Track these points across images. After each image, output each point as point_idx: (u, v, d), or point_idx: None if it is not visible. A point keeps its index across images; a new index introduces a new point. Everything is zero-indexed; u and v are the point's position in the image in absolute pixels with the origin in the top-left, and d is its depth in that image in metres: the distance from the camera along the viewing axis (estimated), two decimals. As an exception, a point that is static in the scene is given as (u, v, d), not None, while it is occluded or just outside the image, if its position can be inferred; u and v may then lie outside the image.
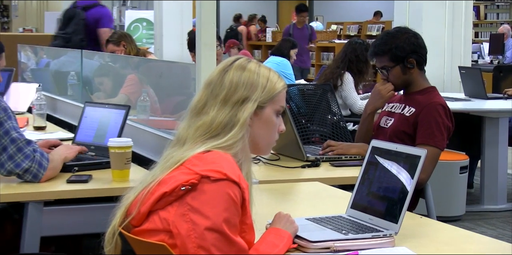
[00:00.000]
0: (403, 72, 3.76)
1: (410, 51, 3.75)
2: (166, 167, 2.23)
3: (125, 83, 5.24)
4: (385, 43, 3.78)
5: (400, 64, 3.75)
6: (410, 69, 3.77)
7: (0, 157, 3.15)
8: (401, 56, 3.74)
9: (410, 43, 3.76)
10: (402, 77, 3.79)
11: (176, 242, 2.13)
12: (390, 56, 3.75)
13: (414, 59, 3.76)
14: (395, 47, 3.74)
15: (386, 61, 3.77)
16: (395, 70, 3.77)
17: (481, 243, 2.48)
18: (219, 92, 2.29)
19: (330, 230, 2.41)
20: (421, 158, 2.41)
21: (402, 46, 3.74)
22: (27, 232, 3.10)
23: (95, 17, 7.51)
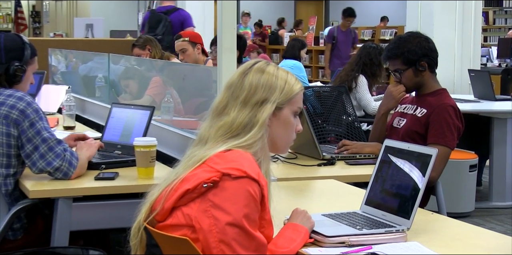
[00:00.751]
0: (415, 75, 3.76)
1: (422, 55, 3.75)
2: (189, 165, 2.24)
3: (150, 85, 5.25)
4: (398, 47, 3.78)
5: (412, 67, 3.75)
6: (422, 72, 3.76)
7: (32, 156, 3.17)
8: (413, 59, 3.73)
9: (421, 47, 3.75)
10: (414, 80, 3.78)
11: (198, 237, 2.13)
12: (403, 60, 3.75)
13: (425, 62, 3.75)
14: (408, 51, 3.74)
15: (399, 65, 3.77)
16: (407, 73, 3.77)
17: (490, 238, 2.47)
18: (239, 94, 2.29)
19: (345, 225, 2.40)
20: (432, 156, 2.41)
21: (414, 50, 3.74)
22: (57, 226, 3.12)
23: (179, 19, 8.17)
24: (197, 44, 5.98)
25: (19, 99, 3.20)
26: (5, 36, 3.36)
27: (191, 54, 5.97)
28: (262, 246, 2.15)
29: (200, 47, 6.01)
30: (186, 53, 6.01)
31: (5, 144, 3.17)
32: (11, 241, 3.23)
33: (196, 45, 5.97)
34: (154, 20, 8.20)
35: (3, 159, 3.19)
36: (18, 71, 3.29)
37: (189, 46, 5.98)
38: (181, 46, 6.06)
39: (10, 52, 3.29)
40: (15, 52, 3.31)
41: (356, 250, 2.20)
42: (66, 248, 3.02)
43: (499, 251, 2.32)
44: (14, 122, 3.16)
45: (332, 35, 12.01)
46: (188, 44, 5.98)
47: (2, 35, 3.36)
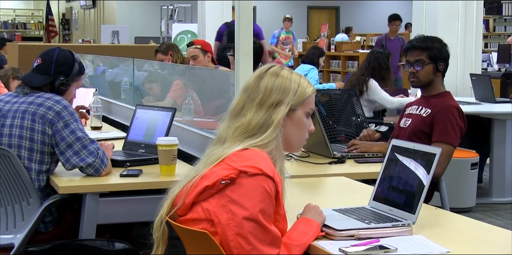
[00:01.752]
0: (433, 72, 3.77)
1: (444, 58, 3.79)
2: (208, 163, 2.24)
3: (171, 88, 5.26)
4: (430, 41, 3.80)
5: (433, 64, 3.76)
6: (438, 72, 3.79)
7: (66, 153, 3.19)
8: (438, 57, 3.76)
9: (445, 51, 3.81)
10: (430, 76, 3.79)
11: (217, 230, 2.13)
12: (429, 54, 3.76)
13: (443, 65, 3.78)
14: (436, 48, 3.77)
15: (424, 57, 3.77)
16: (428, 67, 3.77)
17: (490, 232, 2.45)
18: (256, 96, 2.29)
19: (354, 219, 2.40)
20: (436, 155, 2.40)
21: (441, 51, 3.78)
22: (85, 220, 3.13)
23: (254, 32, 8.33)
24: (208, 53, 5.98)
25: (57, 102, 3.23)
26: (59, 51, 3.41)
27: (201, 61, 5.96)
28: (276, 239, 2.15)
29: (210, 56, 6.00)
30: (197, 60, 6.00)
31: (40, 141, 3.20)
32: (43, 233, 3.25)
33: (206, 53, 5.96)
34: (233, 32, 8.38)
35: (37, 155, 3.20)
36: (62, 85, 3.33)
37: (200, 53, 5.97)
38: (193, 53, 6.05)
39: (60, 67, 3.33)
40: (64, 67, 3.35)
41: (365, 243, 2.19)
42: (93, 240, 3.03)
43: (499, 244, 2.31)
44: (49, 122, 3.19)
45: (381, 43, 10.89)
46: (200, 52, 5.97)
47: (57, 50, 3.41)
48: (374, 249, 2.14)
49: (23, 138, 3.20)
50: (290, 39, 13.74)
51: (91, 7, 21.23)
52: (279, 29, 13.71)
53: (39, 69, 3.34)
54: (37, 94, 3.28)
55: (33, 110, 3.20)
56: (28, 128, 3.20)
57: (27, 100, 3.26)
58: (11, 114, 3.24)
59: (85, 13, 22.26)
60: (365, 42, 17.17)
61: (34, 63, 3.38)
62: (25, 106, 3.23)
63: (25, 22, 27.04)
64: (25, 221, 3.18)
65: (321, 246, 2.21)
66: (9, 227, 3.20)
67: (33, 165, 3.20)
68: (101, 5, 20.46)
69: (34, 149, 3.20)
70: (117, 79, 6.50)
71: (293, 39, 14.07)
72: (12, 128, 3.22)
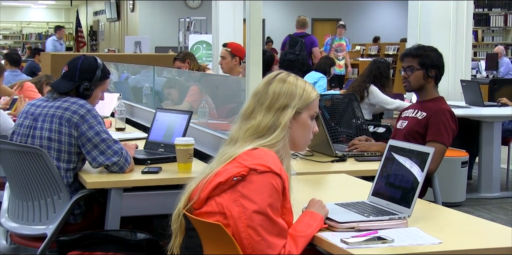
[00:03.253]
0: (423, 77, 3.77)
1: (435, 65, 3.78)
2: (221, 161, 2.24)
3: (188, 93, 5.26)
4: (422, 49, 3.81)
5: (424, 70, 3.76)
6: (429, 78, 3.78)
7: (92, 153, 3.19)
8: (428, 64, 3.76)
9: (437, 59, 3.79)
10: (420, 81, 3.79)
11: (229, 222, 2.13)
12: (420, 60, 3.77)
13: (434, 72, 3.77)
14: (427, 56, 3.77)
15: (415, 63, 3.78)
16: (418, 73, 3.77)
17: (479, 224, 2.45)
18: (264, 100, 2.29)
19: (355, 213, 2.39)
20: (430, 154, 2.40)
21: (432, 58, 3.77)
22: (110, 212, 3.13)
23: (310, 41, 10.37)
24: (236, 57, 5.97)
25: (81, 106, 3.23)
26: (84, 58, 3.41)
27: (228, 63, 5.99)
28: (283, 230, 2.15)
29: (238, 60, 5.99)
30: (225, 61, 6.04)
31: (67, 142, 3.20)
32: (72, 224, 3.26)
33: (234, 57, 5.96)
34: (293, 41, 10.03)
35: (65, 155, 3.21)
36: (86, 90, 3.33)
37: (229, 56, 5.99)
38: (222, 54, 6.10)
39: (83, 73, 3.34)
40: (88, 74, 3.35)
41: (364, 234, 2.19)
42: (118, 231, 3.03)
43: (487, 235, 2.30)
44: (75, 125, 3.19)
45: None
46: (228, 54, 5.99)
47: (82, 57, 3.42)
48: (372, 240, 2.14)
49: (52, 140, 3.20)
50: (343, 46, 12.66)
51: (116, 20, 21.29)
52: (332, 36, 12.60)
53: (66, 76, 3.35)
54: (64, 99, 3.28)
55: (60, 114, 3.21)
56: (56, 131, 3.20)
57: (55, 104, 3.26)
58: (41, 118, 3.25)
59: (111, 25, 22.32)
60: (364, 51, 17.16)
61: (62, 71, 3.39)
62: (53, 110, 3.24)
63: (57, 33, 27.10)
64: (56, 213, 3.18)
65: (324, 237, 2.20)
66: (42, 219, 3.21)
67: (62, 164, 3.21)
68: (125, 18, 20.52)
69: (62, 149, 3.20)
70: (139, 85, 6.51)
71: (346, 47, 12.88)
72: (42, 131, 3.23)
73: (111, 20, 21.85)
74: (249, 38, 3.67)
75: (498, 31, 17.63)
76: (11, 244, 3.42)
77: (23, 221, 3.27)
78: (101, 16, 23.58)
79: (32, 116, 3.29)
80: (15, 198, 3.34)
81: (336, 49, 12.36)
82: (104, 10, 22.78)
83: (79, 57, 3.41)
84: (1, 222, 3.38)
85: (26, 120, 3.31)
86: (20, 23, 26.97)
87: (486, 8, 17.19)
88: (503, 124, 6.54)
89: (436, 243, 2.14)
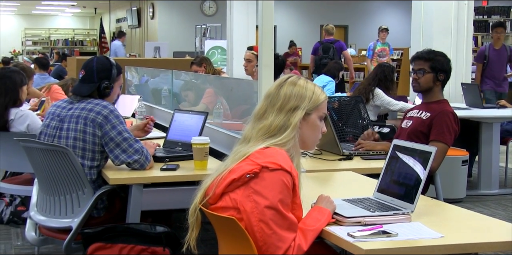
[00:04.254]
0: (432, 80, 3.77)
1: (444, 69, 3.78)
2: (235, 159, 2.24)
3: (204, 95, 5.27)
4: (433, 54, 3.80)
5: (434, 73, 3.75)
6: (437, 81, 3.78)
7: (115, 151, 3.20)
8: (438, 68, 3.75)
9: (447, 64, 3.79)
10: (429, 84, 3.79)
11: (243, 217, 2.13)
12: (431, 64, 3.76)
13: (443, 76, 3.77)
14: (437, 60, 3.77)
15: (426, 66, 3.77)
16: (428, 76, 3.77)
17: (479, 220, 2.43)
18: (276, 102, 2.29)
19: (361, 208, 2.38)
20: (432, 153, 2.39)
21: (442, 63, 3.77)
22: (131, 207, 3.14)
23: (339, 46, 10.75)
24: None
25: (104, 107, 3.23)
26: (97, 59, 3.40)
27: (253, 66, 6.05)
28: (293, 224, 2.15)
29: None
30: (250, 63, 6.10)
31: (91, 141, 3.21)
32: (95, 218, 3.27)
33: None
34: (326, 47, 10.67)
35: (89, 154, 3.22)
36: (107, 88, 3.33)
37: (254, 59, 6.03)
38: (248, 56, 6.12)
39: (100, 73, 3.33)
40: (104, 72, 3.34)
41: (369, 228, 2.18)
42: (138, 224, 3.04)
43: (486, 230, 2.29)
44: (99, 125, 3.20)
45: (483, 54, 8.87)
46: (254, 57, 6.02)
47: (95, 59, 3.40)
48: (377, 234, 2.13)
49: (77, 139, 3.21)
50: (386, 51, 11.66)
51: (137, 27, 21.34)
52: (374, 41, 11.62)
53: (85, 80, 3.34)
54: (88, 101, 3.28)
55: (84, 115, 3.21)
56: (81, 131, 3.21)
57: (80, 106, 3.27)
58: (67, 119, 3.26)
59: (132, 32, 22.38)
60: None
61: (79, 75, 3.38)
62: (78, 111, 3.24)
63: (82, 39, 27.25)
64: (81, 207, 3.20)
65: (332, 231, 2.19)
66: (68, 213, 3.22)
67: (86, 162, 3.22)
68: (145, 25, 20.57)
69: (87, 148, 3.21)
70: (158, 87, 6.53)
71: (389, 51, 11.77)
72: (68, 131, 3.23)
73: (132, 26, 21.92)
74: (261, 43, 3.67)
75: (497, 37, 17.52)
76: (40, 235, 3.44)
77: (50, 215, 3.28)
78: (123, 23, 23.65)
79: (58, 118, 3.30)
80: (43, 193, 3.36)
81: (379, 54, 11.52)
82: (126, 17, 22.85)
83: (92, 60, 3.40)
84: (31, 215, 3.40)
85: (52, 122, 3.32)
86: (48, 30, 27.13)
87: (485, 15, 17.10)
88: (502, 125, 6.54)
89: (438, 237, 2.13)
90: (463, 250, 2.11)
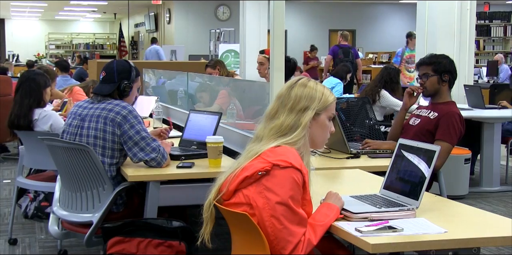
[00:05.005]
0: (437, 82, 3.76)
1: (447, 70, 3.75)
2: (248, 157, 2.23)
3: (218, 96, 5.27)
4: (434, 57, 3.79)
5: (438, 75, 3.75)
6: (443, 82, 3.77)
7: (133, 149, 3.20)
8: (441, 70, 3.74)
9: (449, 65, 3.77)
10: (435, 86, 3.77)
11: (255, 212, 2.13)
12: (433, 67, 3.75)
13: (448, 76, 3.75)
14: (439, 63, 3.75)
15: (429, 70, 3.76)
16: (433, 78, 3.76)
17: (481, 215, 2.41)
18: (287, 103, 2.28)
19: (368, 204, 2.38)
20: (436, 152, 2.38)
21: (445, 64, 3.75)
22: (148, 203, 3.14)
23: (356, 53, 11.43)
24: None
25: (123, 107, 3.24)
26: (117, 62, 3.44)
27: (266, 68, 6.05)
28: (303, 220, 2.14)
29: None
30: (263, 66, 6.11)
31: (111, 140, 3.22)
32: (115, 213, 3.27)
33: None
34: (346, 51, 11.07)
35: (108, 152, 3.23)
36: (127, 88, 3.35)
37: (267, 61, 6.04)
38: (260, 60, 6.13)
39: (121, 74, 3.35)
40: (124, 73, 3.36)
41: (376, 223, 2.17)
42: (155, 219, 3.05)
43: (488, 225, 2.27)
44: (118, 125, 3.20)
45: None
46: (266, 60, 6.03)
47: (115, 62, 3.43)
48: (384, 229, 2.12)
49: (98, 138, 3.22)
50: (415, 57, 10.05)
51: (154, 31, 21.39)
52: (402, 47, 10.45)
53: (106, 80, 3.36)
54: (108, 101, 3.29)
55: (104, 115, 3.22)
56: (101, 130, 3.22)
57: (100, 106, 3.28)
58: (88, 118, 3.27)
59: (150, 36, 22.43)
60: (376, 59, 17.06)
61: (100, 76, 3.40)
62: (98, 111, 3.25)
63: (102, 43, 27.37)
64: (101, 203, 3.20)
65: (340, 226, 2.19)
66: (89, 208, 3.23)
67: (106, 159, 3.22)
68: (162, 29, 20.61)
69: (106, 146, 3.22)
70: (174, 89, 6.53)
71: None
72: (89, 130, 3.24)
73: (150, 31, 21.97)
74: (273, 47, 3.67)
75: (498, 40, 17.46)
76: (62, 230, 3.45)
77: (72, 210, 3.29)
78: (141, 28, 23.72)
79: (80, 117, 3.31)
80: (65, 189, 3.37)
81: (407, 60, 10.24)
82: (144, 22, 22.91)
83: (112, 62, 3.43)
84: (54, 210, 3.41)
85: (74, 121, 3.33)
86: (70, 34, 27.27)
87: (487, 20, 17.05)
88: (503, 125, 6.53)
89: (441, 232, 2.12)
90: (465, 245, 2.10)
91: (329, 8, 20.24)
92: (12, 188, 6.01)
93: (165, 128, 3.91)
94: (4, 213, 5.32)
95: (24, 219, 5.00)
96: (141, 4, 20.50)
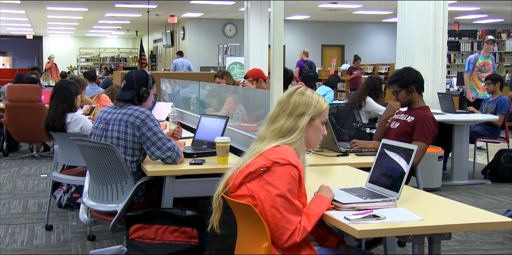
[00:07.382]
0: (407, 94, 3.77)
1: (411, 81, 3.75)
2: (251, 155, 2.23)
3: (226, 102, 5.26)
4: (396, 75, 3.80)
5: (404, 89, 3.75)
6: (411, 92, 3.77)
7: (151, 148, 3.19)
8: (405, 83, 3.75)
9: (411, 76, 3.76)
10: (406, 97, 3.79)
11: (257, 203, 2.12)
12: (399, 83, 3.77)
13: (414, 86, 3.75)
14: (401, 78, 3.76)
15: (397, 87, 3.78)
16: (402, 93, 3.78)
17: (452, 205, 2.40)
18: (287, 108, 2.28)
19: (355, 196, 2.37)
20: (414, 151, 2.37)
21: (406, 78, 3.75)
22: (165, 194, 3.13)
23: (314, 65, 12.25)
24: (259, 79, 5.97)
25: (142, 112, 3.23)
26: (135, 71, 3.44)
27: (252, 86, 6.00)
28: (299, 210, 2.13)
29: (262, 80, 5.98)
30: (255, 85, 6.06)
31: (131, 140, 3.21)
32: (136, 203, 3.27)
33: (256, 80, 5.96)
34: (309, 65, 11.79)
35: (130, 150, 3.22)
36: (145, 93, 3.34)
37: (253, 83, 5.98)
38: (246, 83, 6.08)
39: (139, 81, 3.34)
40: (142, 81, 3.36)
41: (362, 212, 2.16)
42: (171, 209, 3.04)
43: (458, 214, 2.26)
44: (137, 127, 3.20)
45: None
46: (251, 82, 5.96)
47: (133, 71, 3.44)
48: (369, 217, 2.11)
49: (120, 139, 3.21)
50: (489, 65, 8.15)
51: (171, 46, 21.41)
52: (476, 54, 8.26)
53: (126, 87, 3.35)
54: (129, 107, 3.29)
55: (125, 119, 3.22)
56: (123, 132, 3.21)
57: (122, 111, 3.27)
58: (112, 122, 3.26)
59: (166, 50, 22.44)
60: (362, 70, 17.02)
61: (121, 84, 3.40)
62: (120, 116, 3.25)
63: (126, 57, 27.41)
64: (124, 194, 3.20)
65: (331, 215, 2.18)
66: (113, 199, 3.23)
67: (128, 157, 3.22)
68: (177, 44, 20.62)
69: (128, 146, 3.21)
70: (187, 96, 6.53)
71: (492, 66, 8.16)
72: (113, 132, 3.24)
73: (167, 46, 21.99)
74: (273, 60, 3.66)
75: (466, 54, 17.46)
76: (91, 218, 3.44)
77: (99, 200, 3.29)
78: (159, 43, 23.74)
79: (105, 121, 3.30)
80: (93, 183, 3.37)
81: (480, 69, 8.12)
82: (161, 38, 22.93)
83: (131, 71, 3.43)
84: (83, 201, 3.40)
85: (100, 124, 3.32)
86: (98, 49, 27.33)
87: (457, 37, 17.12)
88: (471, 127, 6.57)
89: (418, 219, 2.11)
90: (439, 230, 2.09)
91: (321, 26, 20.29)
92: (48, 182, 6.01)
93: (175, 129, 3.90)
94: (41, 203, 5.32)
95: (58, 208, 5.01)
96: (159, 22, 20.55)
